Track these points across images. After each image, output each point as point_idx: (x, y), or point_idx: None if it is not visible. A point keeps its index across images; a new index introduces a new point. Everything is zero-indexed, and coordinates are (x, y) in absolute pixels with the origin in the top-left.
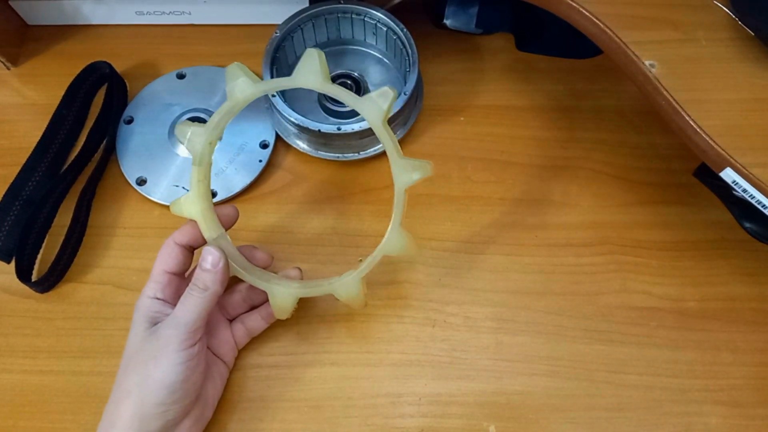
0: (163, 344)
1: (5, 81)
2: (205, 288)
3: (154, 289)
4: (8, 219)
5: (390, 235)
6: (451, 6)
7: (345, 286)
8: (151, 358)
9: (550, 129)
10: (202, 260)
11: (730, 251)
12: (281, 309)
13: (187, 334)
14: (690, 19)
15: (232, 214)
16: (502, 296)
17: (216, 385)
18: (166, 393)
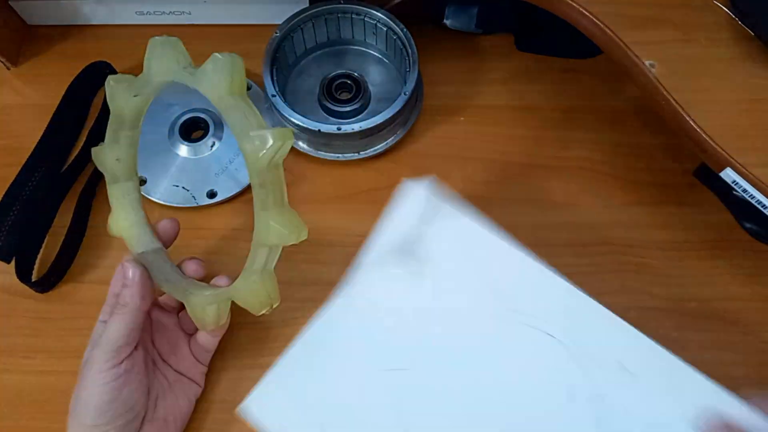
0: (89, 365)
1: (5, 81)
2: (125, 304)
3: (104, 312)
4: (8, 219)
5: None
6: (451, 6)
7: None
8: (81, 380)
9: (550, 129)
10: (123, 276)
11: (730, 251)
12: (197, 319)
13: (110, 354)
14: (690, 19)
15: (169, 227)
16: None
17: (178, 404)
18: (96, 414)
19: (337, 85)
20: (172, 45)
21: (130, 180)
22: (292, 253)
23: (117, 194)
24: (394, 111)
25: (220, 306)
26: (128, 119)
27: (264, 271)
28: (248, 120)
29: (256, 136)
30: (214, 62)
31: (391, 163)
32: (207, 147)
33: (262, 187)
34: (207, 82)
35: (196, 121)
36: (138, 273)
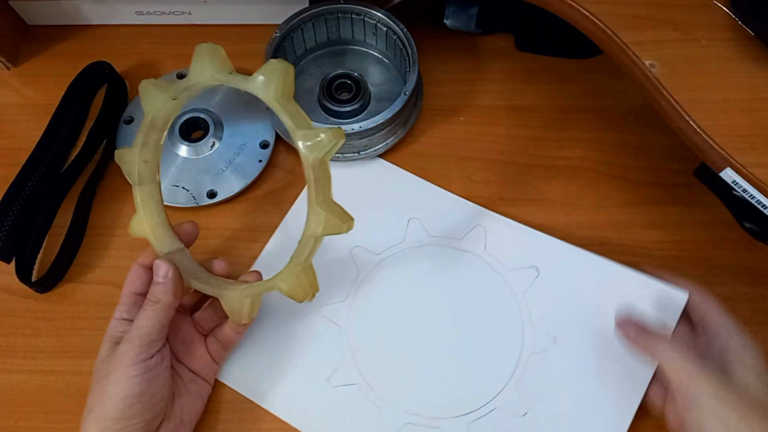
0: (118, 359)
1: (5, 81)
2: (156, 300)
3: (120, 310)
4: (8, 219)
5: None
6: (451, 6)
7: (285, 279)
8: (107, 374)
9: (550, 129)
10: (154, 274)
11: (730, 251)
12: (234, 312)
13: (141, 347)
14: (690, 19)
15: (190, 229)
16: None
17: (193, 403)
18: (123, 407)
19: (337, 85)
20: (217, 51)
21: (154, 182)
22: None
23: (142, 196)
24: (394, 111)
25: (254, 299)
26: (161, 122)
27: (308, 261)
28: (301, 120)
29: (311, 133)
30: (268, 67)
31: (391, 163)
32: (207, 147)
33: (315, 182)
34: (262, 85)
35: (196, 121)
36: (171, 270)
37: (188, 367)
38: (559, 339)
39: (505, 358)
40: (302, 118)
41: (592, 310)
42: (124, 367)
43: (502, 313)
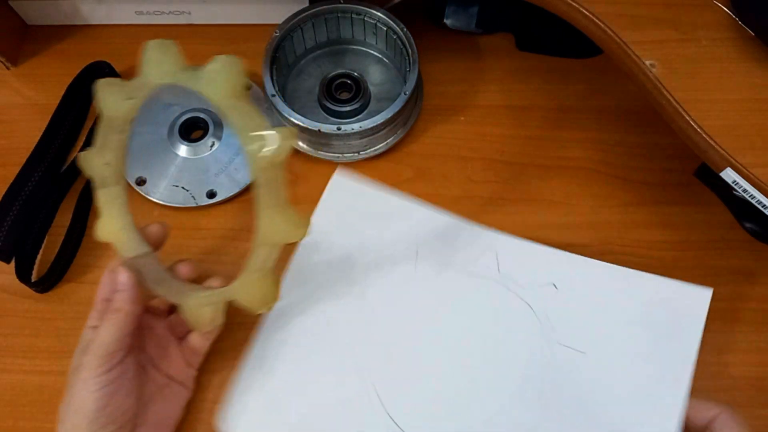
0: (81, 371)
1: (5, 81)
2: (117, 309)
3: (92, 318)
4: (8, 219)
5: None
6: (451, 6)
7: (241, 288)
8: (71, 388)
9: (550, 129)
10: (117, 282)
11: (730, 251)
12: (194, 321)
13: (101, 359)
14: (690, 19)
15: (158, 231)
16: None
17: (170, 408)
18: (87, 421)
19: (337, 85)
20: (168, 47)
21: (119, 184)
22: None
23: (106, 199)
24: (394, 111)
25: (215, 307)
26: (119, 123)
27: (264, 270)
28: (250, 120)
29: (258, 136)
30: (214, 64)
31: (391, 163)
32: (207, 147)
33: (265, 186)
34: (208, 84)
35: (195, 121)
36: (130, 277)
37: (163, 372)
38: (588, 353)
39: (533, 378)
40: (252, 117)
41: (617, 319)
42: (83, 381)
43: (526, 334)
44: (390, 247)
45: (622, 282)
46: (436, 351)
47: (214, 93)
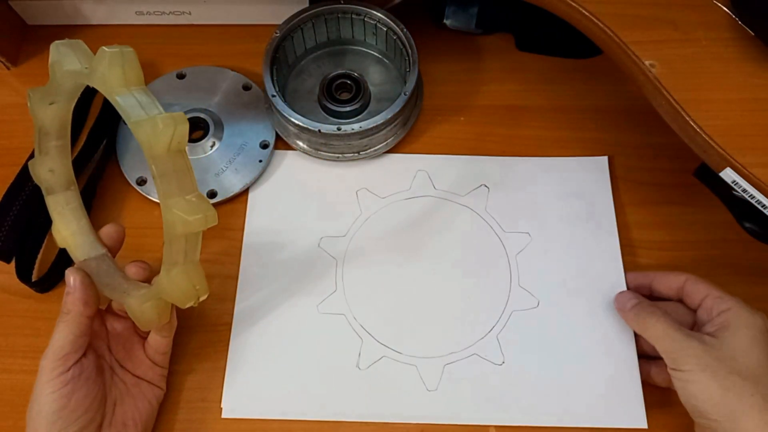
0: (39, 375)
1: (5, 81)
2: (67, 311)
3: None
4: (8, 219)
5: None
6: (451, 6)
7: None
8: (34, 390)
9: (550, 129)
10: (67, 285)
11: (730, 251)
12: (140, 320)
13: (55, 362)
14: (690, 19)
15: (113, 232)
16: None
17: (139, 407)
18: (46, 422)
19: (337, 85)
20: (71, 47)
21: (68, 189)
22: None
23: (55, 205)
24: (394, 111)
25: (155, 303)
26: (53, 129)
27: (186, 263)
28: (141, 109)
29: (147, 121)
30: (101, 56)
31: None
32: (207, 147)
33: (163, 176)
34: (98, 76)
35: (196, 121)
36: (78, 279)
37: (130, 372)
38: (542, 303)
39: (490, 310)
40: (145, 104)
41: (544, 198)
42: (41, 384)
43: (493, 269)
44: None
45: (538, 167)
46: (409, 261)
47: (103, 85)
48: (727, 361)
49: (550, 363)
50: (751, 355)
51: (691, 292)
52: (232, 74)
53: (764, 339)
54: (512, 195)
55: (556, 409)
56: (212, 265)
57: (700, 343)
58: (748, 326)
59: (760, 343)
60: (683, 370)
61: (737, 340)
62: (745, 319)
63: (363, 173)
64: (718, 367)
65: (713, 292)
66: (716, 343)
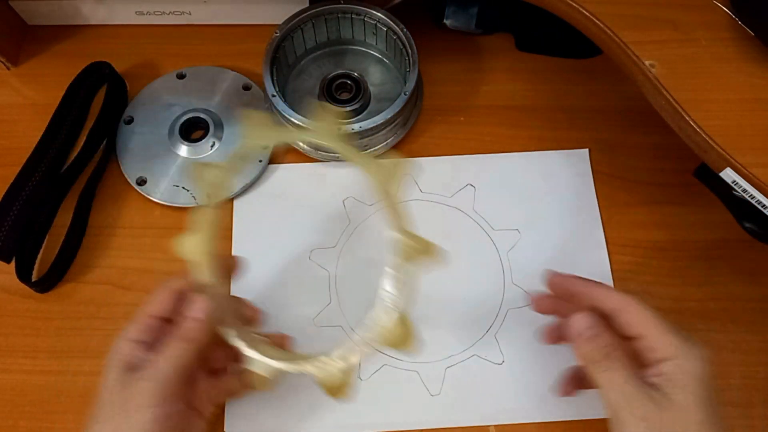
0: (137, 397)
1: (5, 81)
2: (190, 339)
3: (137, 332)
4: (8, 219)
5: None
6: (451, 6)
7: (328, 371)
8: (122, 411)
9: (550, 129)
10: (190, 308)
11: (730, 251)
12: (258, 379)
13: (164, 390)
14: (690, 19)
15: (234, 263)
16: None
17: None
18: None
19: (337, 85)
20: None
21: (217, 208)
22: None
23: (203, 217)
24: (394, 111)
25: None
26: (253, 152)
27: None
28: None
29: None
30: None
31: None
32: (207, 147)
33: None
34: (379, 174)
35: (196, 121)
36: (208, 308)
37: (187, 402)
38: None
39: (486, 310)
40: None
41: (529, 193)
42: (143, 410)
43: (486, 268)
44: (319, 216)
45: (520, 163)
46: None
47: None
48: (671, 425)
49: (548, 359)
50: (695, 416)
51: (627, 324)
52: (232, 74)
53: (706, 390)
54: (498, 192)
55: (556, 403)
56: None
57: (650, 403)
58: (690, 379)
59: (703, 399)
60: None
61: (680, 399)
62: (686, 372)
63: (349, 181)
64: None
65: (651, 332)
66: (665, 404)
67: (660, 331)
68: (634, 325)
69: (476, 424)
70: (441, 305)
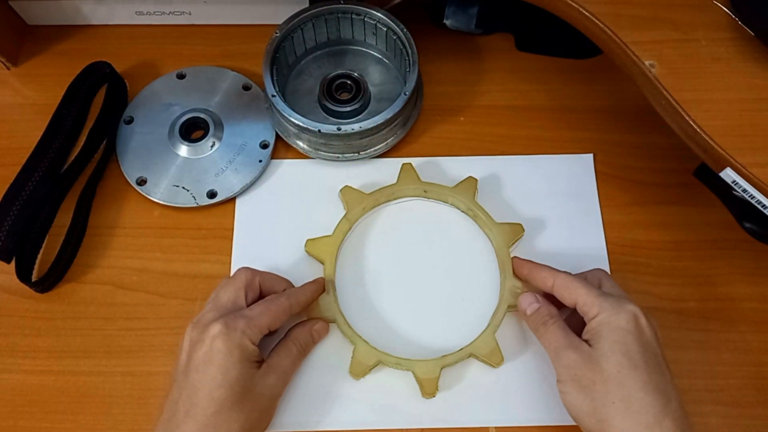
0: (271, 397)
1: (5, 81)
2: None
3: (257, 337)
4: (8, 219)
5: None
6: (451, 6)
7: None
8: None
9: (550, 129)
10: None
11: (730, 251)
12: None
13: (283, 391)
14: (690, 19)
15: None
16: None
17: None
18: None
19: (337, 85)
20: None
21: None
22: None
23: (340, 227)
24: (394, 111)
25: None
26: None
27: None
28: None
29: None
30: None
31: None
32: (207, 147)
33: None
34: (498, 235)
35: (196, 121)
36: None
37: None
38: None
39: (485, 308)
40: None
41: (533, 195)
42: (274, 406)
43: (484, 268)
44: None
45: (524, 165)
46: (399, 261)
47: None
48: (594, 370)
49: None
50: (612, 360)
51: (562, 295)
52: (232, 74)
53: (628, 337)
54: (499, 193)
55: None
56: (212, 265)
57: (576, 353)
58: (611, 329)
59: (622, 344)
60: (559, 381)
61: (602, 347)
62: (608, 324)
63: (352, 177)
64: (584, 376)
65: (579, 299)
66: (590, 353)
67: (588, 295)
68: (567, 296)
69: (474, 426)
70: (439, 304)
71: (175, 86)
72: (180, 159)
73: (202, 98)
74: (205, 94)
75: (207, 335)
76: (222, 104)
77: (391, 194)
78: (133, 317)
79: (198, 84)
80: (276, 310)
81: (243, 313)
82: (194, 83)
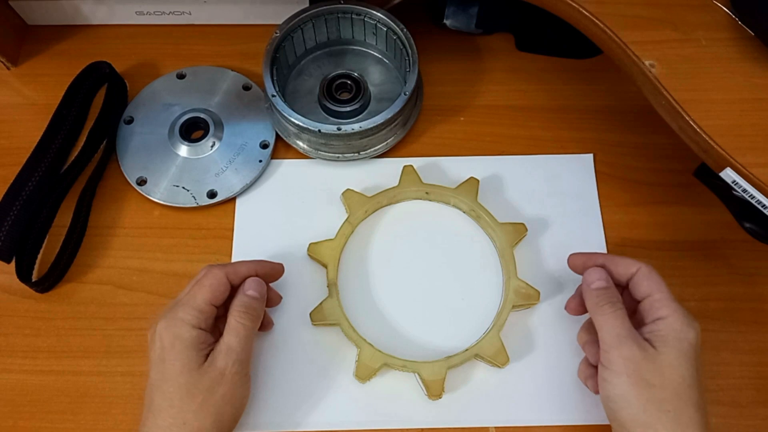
0: (229, 379)
1: (5, 81)
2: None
3: (198, 319)
4: (8, 219)
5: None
6: (451, 6)
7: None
8: (218, 395)
9: (550, 129)
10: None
11: (730, 251)
12: (363, 370)
13: (246, 366)
14: (690, 19)
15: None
16: None
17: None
18: (233, 422)
19: (337, 85)
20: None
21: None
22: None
23: (343, 231)
24: (394, 111)
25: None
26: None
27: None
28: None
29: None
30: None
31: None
32: (207, 147)
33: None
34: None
35: (196, 121)
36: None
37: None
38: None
39: (489, 308)
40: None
41: (534, 195)
42: (238, 387)
43: (487, 268)
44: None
45: (525, 166)
46: (401, 262)
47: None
48: (653, 373)
49: (551, 359)
50: (677, 371)
51: (637, 284)
52: (232, 74)
53: (693, 353)
54: (500, 193)
55: (558, 406)
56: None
57: (638, 349)
58: (680, 339)
59: (688, 359)
60: (611, 369)
61: (669, 354)
62: (678, 332)
63: (352, 177)
64: (643, 376)
65: (655, 294)
66: (652, 354)
67: (663, 294)
68: (645, 286)
69: (475, 425)
70: (443, 306)
71: (175, 86)
72: (180, 159)
73: (202, 98)
74: (205, 94)
75: (156, 335)
76: (222, 104)
77: (393, 197)
78: (133, 317)
79: (198, 84)
80: (209, 284)
81: (179, 300)
82: (194, 83)
